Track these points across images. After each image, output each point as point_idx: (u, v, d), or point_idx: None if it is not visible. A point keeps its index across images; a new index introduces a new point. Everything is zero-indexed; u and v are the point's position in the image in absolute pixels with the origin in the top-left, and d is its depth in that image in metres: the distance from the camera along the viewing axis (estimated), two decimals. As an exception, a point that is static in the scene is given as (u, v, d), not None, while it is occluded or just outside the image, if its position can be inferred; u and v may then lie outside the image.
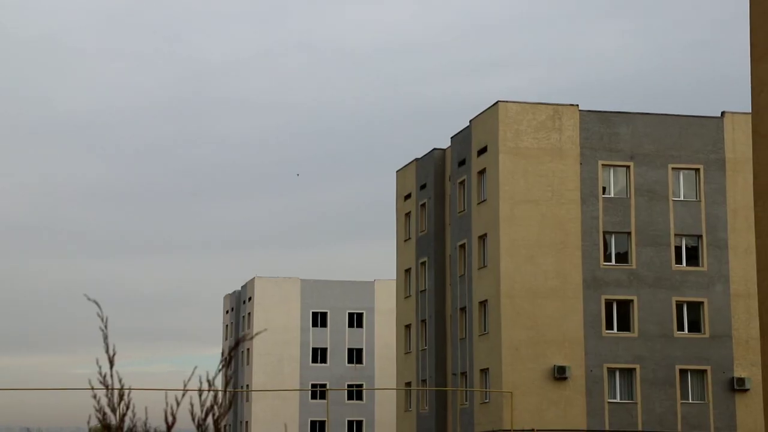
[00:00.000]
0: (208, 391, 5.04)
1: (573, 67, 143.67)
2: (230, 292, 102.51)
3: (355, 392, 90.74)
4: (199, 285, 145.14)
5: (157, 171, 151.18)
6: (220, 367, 5.21)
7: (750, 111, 37.28)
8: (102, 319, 5.22)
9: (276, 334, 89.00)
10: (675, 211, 52.85)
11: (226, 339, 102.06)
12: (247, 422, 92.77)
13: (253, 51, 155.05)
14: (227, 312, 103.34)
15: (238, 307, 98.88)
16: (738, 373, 52.00)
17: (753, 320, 47.91)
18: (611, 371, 51.89)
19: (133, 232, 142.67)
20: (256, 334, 72.32)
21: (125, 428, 5.12)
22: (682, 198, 53.10)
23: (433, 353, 59.19)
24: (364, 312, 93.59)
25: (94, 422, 5.17)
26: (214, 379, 5.15)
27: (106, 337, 5.21)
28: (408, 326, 63.44)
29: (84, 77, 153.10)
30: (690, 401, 52.04)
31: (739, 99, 78.64)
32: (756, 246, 36.66)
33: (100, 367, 5.14)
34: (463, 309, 56.05)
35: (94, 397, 5.10)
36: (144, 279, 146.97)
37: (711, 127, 53.36)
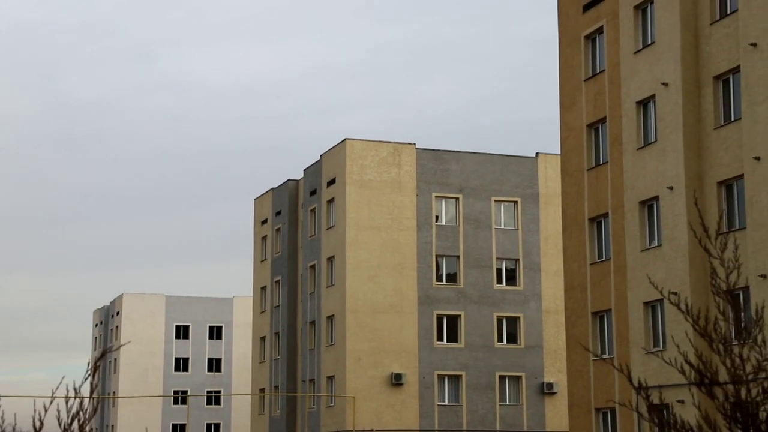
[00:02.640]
0: (74, 398, 4.99)
1: (411, 110, 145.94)
2: (100, 307, 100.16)
3: (213, 398, 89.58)
4: (71, 300, 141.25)
5: (38, 195, 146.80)
6: (86, 375, 5.15)
7: (559, 152, 38.71)
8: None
9: (142, 345, 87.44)
10: (496, 238, 53.96)
11: (95, 350, 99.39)
12: (113, 426, 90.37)
13: (124, 87, 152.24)
14: (96, 325, 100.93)
15: (107, 320, 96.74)
16: (547, 378, 53.28)
17: (560, 333, 49.33)
18: (441, 378, 52.51)
19: (11, 251, 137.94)
20: (121, 345, 70.82)
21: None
22: (502, 226, 54.22)
23: (285, 362, 58.93)
24: (223, 325, 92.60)
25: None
26: (80, 387, 5.09)
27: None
28: (263, 338, 63.08)
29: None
30: (507, 403, 53.06)
31: (551, 142, 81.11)
32: (563, 269, 37.94)
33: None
34: (312, 322, 56.00)
35: (-33, 404, 4.98)
36: (21, 295, 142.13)
37: (527, 165, 54.73)
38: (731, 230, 28.29)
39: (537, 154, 54.83)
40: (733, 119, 29.39)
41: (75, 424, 4.76)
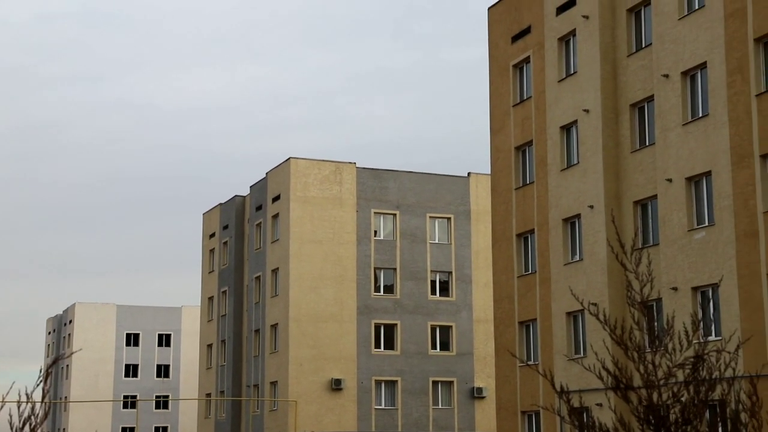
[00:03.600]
0: (26, 402, 4.91)
1: (352, 131, 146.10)
2: (53, 315, 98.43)
3: (162, 402, 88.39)
4: (26, 310, 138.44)
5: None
6: (39, 381, 5.07)
7: (489, 172, 38.98)
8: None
9: (93, 352, 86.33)
10: (431, 252, 54.15)
11: (48, 357, 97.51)
12: (64, 429, 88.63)
13: (79, 108, 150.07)
14: (49, 333, 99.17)
15: (60, 328, 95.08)
16: (477, 383, 53.51)
17: (490, 341, 49.64)
18: (378, 383, 52.43)
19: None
20: (73, 352, 69.71)
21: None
22: (437, 241, 54.44)
23: (231, 368, 58.39)
24: (171, 333, 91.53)
25: None
26: (32, 392, 5.01)
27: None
28: (210, 345, 62.45)
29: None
30: (440, 407, 53.16)
31: (482, 162, 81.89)
32: (493, 281, 38.18)
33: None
34: (257, 331, 55.60)
35: None
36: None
37: (460, 184, 55.08)
38: (645, 246, 28.71)
39: (469, 173, 55.21)
40: (647, 144, 29.88)
41: (27, 428, 4.67)
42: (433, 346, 53.49)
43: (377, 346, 52.61)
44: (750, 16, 26.05)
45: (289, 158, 52.95)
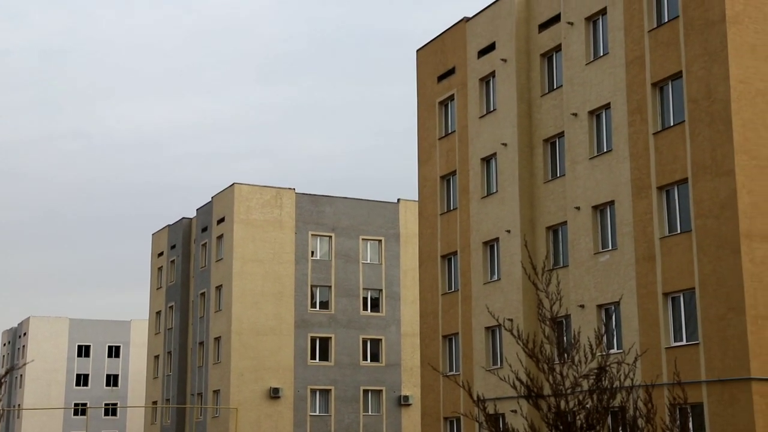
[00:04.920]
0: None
1: (291, 159, 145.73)
2: (8, 328, 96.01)
3: (111, 409, 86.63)
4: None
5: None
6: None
7: (417, 199, 39.14)
8: None
9: (46, 362, 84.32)
10: (363, 271, 54.13)
11: (2, 367, 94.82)
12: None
13: (39, 134, 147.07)
14: (4, 345, 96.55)
15: (14, 340, 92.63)
16: (404, 392, 53.47)
17: (416, 353, 49.74)
18: (313, 391, 52.09)
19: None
20: (26, 363, 68.01)
21: None
22: (368, 261, 54.46)
23: (176, 378, 57.48)
24: (121, 345, 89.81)
25: None
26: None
27: None
28: (157, 356, 61.42)
29: None
30: (370, 413, 52.97)
31: (411, 190, 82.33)
32: (419, 298, 38.23)
33: None
34: (201, 343, 54.87)
35: None
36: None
37: (390, 209, 55.24)
38: (556, 268, 29.03)
39: (398, 200, 55.43)
40: (558, 175, 30.32)
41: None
42: (364, 358, 53.36)
43: (313, 357, 52.30)
44: (648, 64, 26.72)
45: (233, 184, 52.60)
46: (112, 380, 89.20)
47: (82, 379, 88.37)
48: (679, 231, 25.41)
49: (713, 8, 24.76)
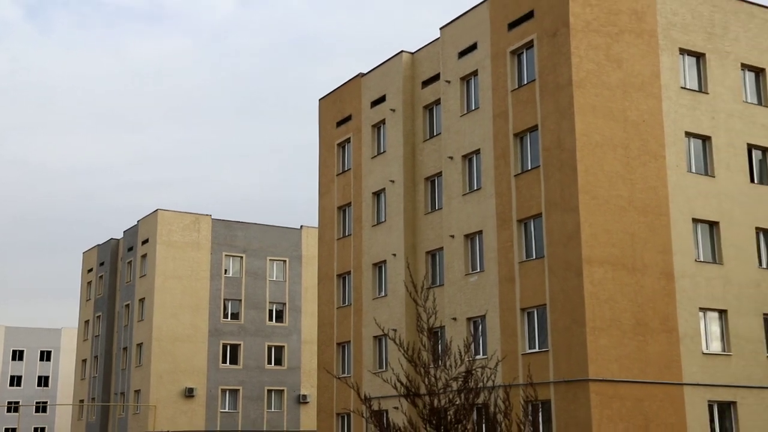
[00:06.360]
0: None
1: (208, 189, 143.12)
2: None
3: (41, 407, 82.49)
4: None
5: None
6: None
7: (317, 226, 38.78)
8: None
9: (-19, 366, 79.79)
10: (270, 287, 53.48)
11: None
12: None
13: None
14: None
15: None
16: (303, 391, 52.85)
17: (314, 358, 49.32)
18: (224, 391, 50.93)
19: None
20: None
21: None
22: (275, 279, 53.85)
23: (101, 379, 55.28)
24: (52, 350, 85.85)
25: None
26: None
27: None
28: (84, 360, 58.93)
29: None
30: (273, 410, 52.09)
31: (312, 217, 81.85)
32: (318, 311, 37.77)
33: None
34: (125, 348, 52.97)
35: None
36: None
37: (294, 234, 54.88)
38: (433, 286, 29.20)
39: (301, 226, 55.16)
40: (437, 208, 30.65)
41: None
42: (269, 362, 52.62)
43: (224, 361, 51.23)
44: (511, 117, 27.38)
45: (157, 209, 51.30)
46: (43, 381, 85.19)
47: (15, 380, 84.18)
48: (534, 257, 25.95)
49: (563, 74, 25.59)
